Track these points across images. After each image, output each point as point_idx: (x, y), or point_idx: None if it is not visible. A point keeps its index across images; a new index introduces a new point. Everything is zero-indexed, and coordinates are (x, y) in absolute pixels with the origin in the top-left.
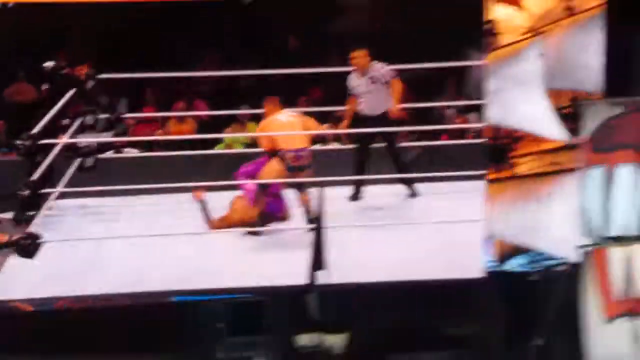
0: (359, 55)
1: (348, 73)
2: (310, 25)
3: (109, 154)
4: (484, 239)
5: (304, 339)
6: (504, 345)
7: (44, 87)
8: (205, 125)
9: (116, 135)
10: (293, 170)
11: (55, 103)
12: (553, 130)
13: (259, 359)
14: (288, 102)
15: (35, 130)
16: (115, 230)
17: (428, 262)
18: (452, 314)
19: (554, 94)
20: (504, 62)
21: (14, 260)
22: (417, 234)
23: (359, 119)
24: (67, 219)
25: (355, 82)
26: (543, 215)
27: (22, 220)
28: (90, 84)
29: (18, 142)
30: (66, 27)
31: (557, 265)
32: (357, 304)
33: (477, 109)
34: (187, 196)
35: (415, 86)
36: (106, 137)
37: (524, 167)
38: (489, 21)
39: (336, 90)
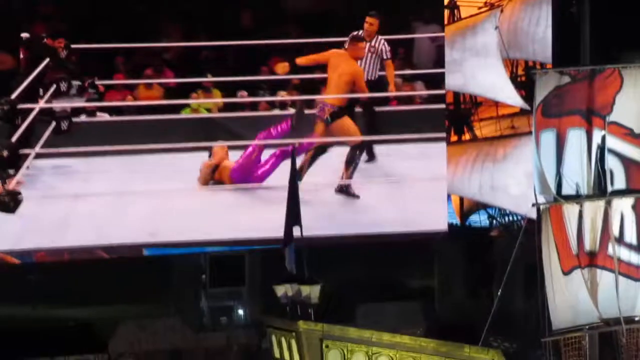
0: (372, 22)
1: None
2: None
3: (83, 118)
4: (447, 197)
5: (281, 290)
6: (467, 296)
7: (22, 55)
8: (171, 91)
9: (89, 100)
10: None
11: (32, 71)
12: (509, 96)
13: (239, 309)
14: (249, 70)
15: (14, 95)
16: (87, 189)
17: (396, 216)
18: (417, 267)
19: (509, 63)
20: (463, 34)
21: None
22: (386, 191)
23: None
24: (44, 177)
25: None
26: (500, 174)
27: (3, 178)
28: (64, 53)
29: None
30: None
31: (515, 221)
32: (329, 256)
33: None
34: (154, 157)
35: None
36: (80, 102)
37: (483, 130)
38: None
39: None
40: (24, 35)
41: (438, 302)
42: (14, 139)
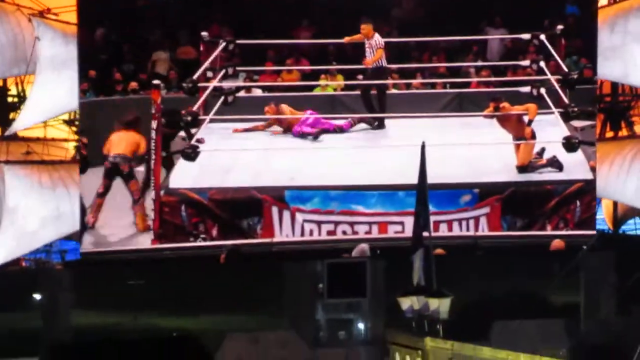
0: (364, 27)
1: None
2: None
3: (243, 93)
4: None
5: (407, 303)
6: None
7: (202, 49)
8: (306, 75)
9: (247, 80)
10: None
11: (208, 59)
12: None
13: (359, 322)
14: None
15: (195, 76)
16: (245, 145)
17: None
18: (560, 279)
19: None
20: (625, 16)
21: (182, 162)
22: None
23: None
24: (215, 136)
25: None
26: None
27: (187, 137)
28: (231, 47)
29: (184, 84)
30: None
31: None
32: (461, 266)
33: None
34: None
35: None
36: (241, 83)
37: None
38: None
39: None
40: (204, 34)
41: (584, 319)
42: (194, 108)
